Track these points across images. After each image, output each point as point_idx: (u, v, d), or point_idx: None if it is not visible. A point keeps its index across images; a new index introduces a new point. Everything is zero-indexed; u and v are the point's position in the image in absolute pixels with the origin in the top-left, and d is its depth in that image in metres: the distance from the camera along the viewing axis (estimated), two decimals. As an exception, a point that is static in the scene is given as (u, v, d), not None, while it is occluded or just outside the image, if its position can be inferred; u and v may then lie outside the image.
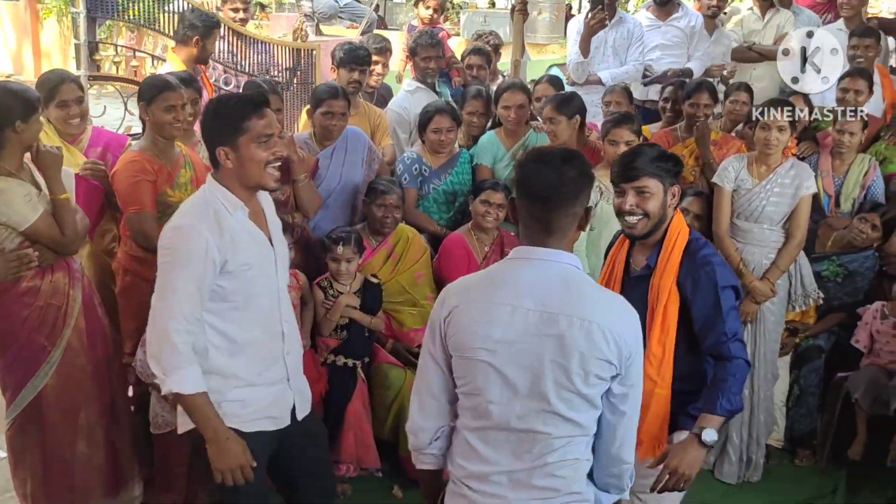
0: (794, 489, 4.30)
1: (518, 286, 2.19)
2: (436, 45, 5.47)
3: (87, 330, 3.55)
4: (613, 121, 4.29)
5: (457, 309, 2.23)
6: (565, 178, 2.17)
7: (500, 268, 2.31)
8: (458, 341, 2.22)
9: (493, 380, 2.18)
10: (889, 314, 4.43)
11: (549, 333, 2.14)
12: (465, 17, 11.56)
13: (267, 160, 2.72)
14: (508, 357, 2.17)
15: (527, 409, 2.17)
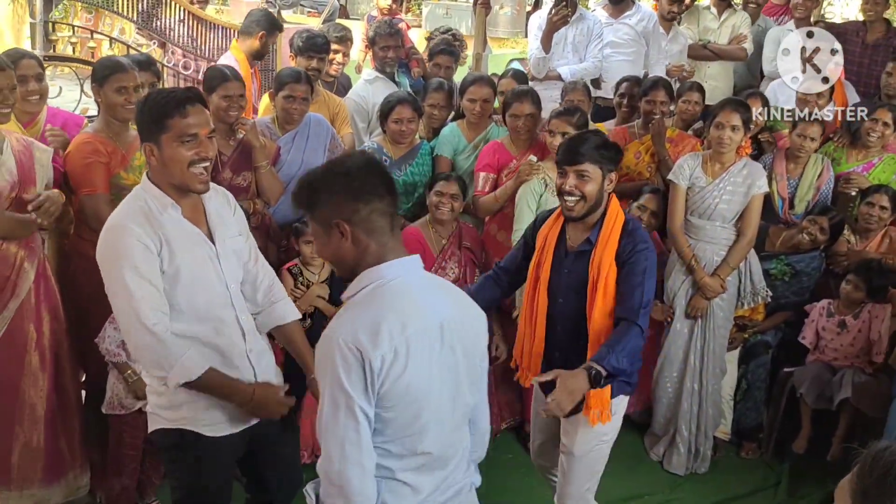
0: (739, 481, 4.40)
1: (422, 306, 2.14)
2: (394, 35, 5.46)
3: (35, 307, 3.50)
4: (555, 112, 4.35)
5: (380, 358, 2.00)
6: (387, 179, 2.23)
7: (395, 298, 2.09)
8: (392, 386, 2.02)
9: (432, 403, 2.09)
10: (834, 312, 4.55)
11: (457, 343, 2.19)
12: (427, 9, 11.57)
13: (190, 160, 2.60)
14: (438, 381, 2.13)
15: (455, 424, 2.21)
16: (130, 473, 3.66)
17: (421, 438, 2.07)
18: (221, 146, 4.11)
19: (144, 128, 2.65)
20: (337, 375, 1.95)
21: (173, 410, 2.72)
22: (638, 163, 4.91)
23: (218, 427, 2.76)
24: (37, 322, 3.51)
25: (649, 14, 6.18)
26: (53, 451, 3.59)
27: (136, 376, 3.54)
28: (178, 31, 5.87)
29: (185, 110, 2.59)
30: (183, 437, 2.74)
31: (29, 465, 3.51)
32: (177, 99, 2.61)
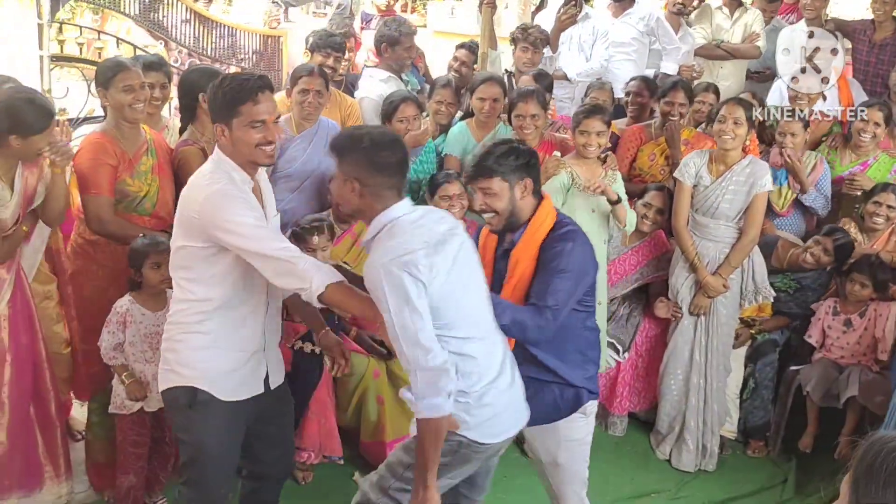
0: (746, 479, 4.40)
1: (419, 233, 2.61)
2: (413, 34, 5.45)
3: (11, 316, 3.49)
4: (584, 112, 4.30)
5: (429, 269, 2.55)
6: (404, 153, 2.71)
7: (392, 233, 2.61)
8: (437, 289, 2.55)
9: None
10: (840, 311, 4.55)
11: (465, 243, 2.73)
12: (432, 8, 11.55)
13: (258, 142, 2.77)
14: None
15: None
16: (138, 472, 3.67)
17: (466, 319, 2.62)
18: None
19: (217, 110, 2.80)
20: (394, 288, 2.47)
21: (190, 368, 2.85)
22: (652, 165, 4.90)
23: (231, 391, 2.87)
24: (13, 331, 3.49)
25: (651, 12, 6.16)
26: (32, 460, 3.58)
27: (132, 377, 3.56)
28: (184, 31, 5.89)
29: (256, 97, 2.74)
30: (196, 396, 2.85)
31: (7, 473, 3.50)
32: (250, 87, 2.75)
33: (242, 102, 2.73)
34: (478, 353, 2.65)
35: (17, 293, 3.50)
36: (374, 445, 4.18)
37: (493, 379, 2.69)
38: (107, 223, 3.61)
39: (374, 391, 4.16)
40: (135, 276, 3.57)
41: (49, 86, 5.15)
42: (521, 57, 5.49)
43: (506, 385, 2.74)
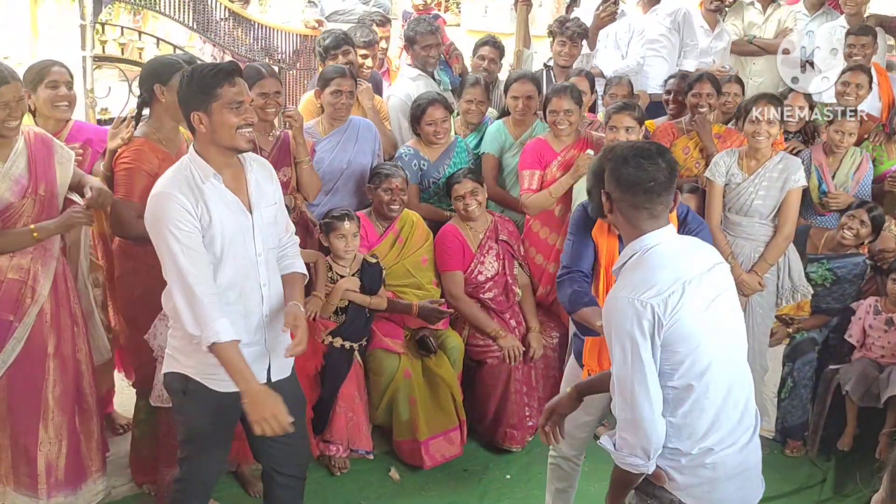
0: (784, 479, 4.36)
1: (672, 267, 2.38)
2: (434, 33, 5.43)
3: (55, 313, 3.54)
4: (615, 108, 4.31)
5: (658, 303, 2.30)
6: (661, 169, 2.42)
7: (651, 260, 2.41)
8: (672, 329, 2.31)
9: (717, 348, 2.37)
10: (882, 310, 4.50)
11: (724, 283, 2.47)
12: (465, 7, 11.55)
13: (238, 125, 2.83)
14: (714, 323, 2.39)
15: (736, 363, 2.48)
16: (180, 464, 3.72)
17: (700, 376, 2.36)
18: (261, 142, 4.14)
19: (193, 98, 2.84)
20: (624, 327, 2.31)
21: (186, 357, 2.92)
22: (686, 158, 4.88)
23: (221, 383, 2.89)
24: (56, 327, 3.55)
25: (679, 7, 6.12)
26: (77, 456, 3.64)
27: None
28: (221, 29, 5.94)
29: (233, 80, 2.84)
30: (188, 384, 2.94)
31: (54, 471, 3.56)
32: (225, 70, 2.85)
33: (220, 85, 2.81)
34: (710, 408, 2.37)
35: (58, 287, 3.56)
36: (407, 444, 4.22)
37: (722, 440, 2.41)
38: (127, 227, 3.61)
39: (406, 392, 4.20)
40: None
41: (91, 85, 5.22)
42: (559, 51, 5.48)
43: (737, 448, 2.45)
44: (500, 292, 4.52)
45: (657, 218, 2.44)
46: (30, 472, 3.51)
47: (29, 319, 3.46)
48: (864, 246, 4.64)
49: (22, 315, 3.44)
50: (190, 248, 2.78)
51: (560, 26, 5.51)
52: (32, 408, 3.48)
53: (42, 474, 3.52)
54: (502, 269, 4.51)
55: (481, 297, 4.49)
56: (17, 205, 3.38)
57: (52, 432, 3.53)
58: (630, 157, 2.43)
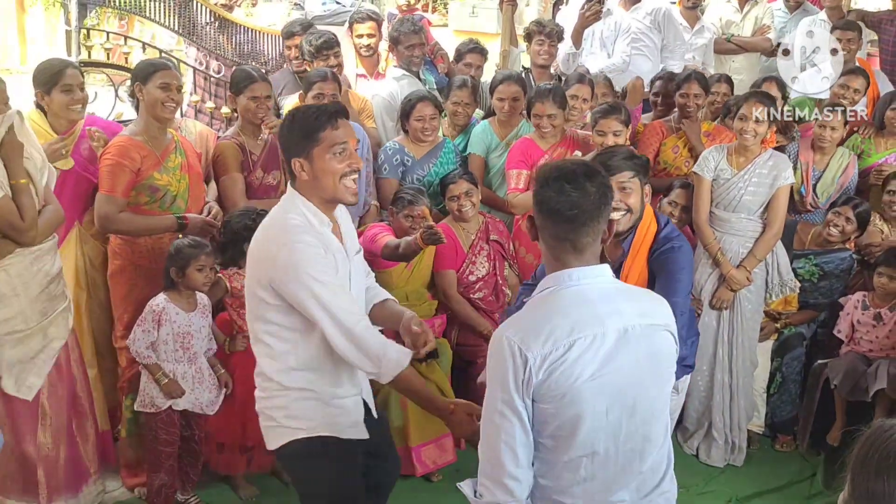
0: (774, 473, 4.39)
1: (588, 313, 2.07)
2: (418, 33, 5.43)
3: None
4: (602, 111, 4.32)
5: (547, 361, 2.01)
6: (589, 195, 2.09)
7: (555, 301, 2.11)
8: (556, 388, 2.02)
9: (595, 415, 2.05)
10: (869, 305, 4.51)
11: (640, 346, 2.09)
12: (453, 7, 11.55)
13: (342, 172, 2.65)
14: (607, 390, 2.05)
15: (631, 434, 2.10)
16: (169, 470, 3.73)
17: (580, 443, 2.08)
18: (251, 146, 4.20)
19: (294, 143, 2.66)
20: (498, 371, 2.05)
21: (310, 416, 2.72)
22: (676, 157, 4.90)
23: (355, 430, 2.78)
24: None
25: (658, 6, 6.15)
26: (75, 460, 3.65)
27: (166, 378, 3.62)
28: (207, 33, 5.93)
29: (336, 123, 2.65)
30: (328, 446, 2.73)
31: (54, 476, 3.56)
32: (328, 112, 2.66)
33: (322, 129, 2.63)
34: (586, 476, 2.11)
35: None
36: (399, 451, 4.19)
37: None
38: (112, 222, 3.72)
39: (397, 395, 4.18)
40: (175, 275, 3.63)
41: (77, 90, 5.23)
42: (537, 50, 5.49)
43: None
44: (490, 293, 4.52)
45: (581, 252, 2.11)
46: (30, 479, 3.51)
47: None
48: (851, 241, 4.66)
49: None
50: (335, 286, 2.60)
51: (537, 26, 5.53)
52: (30, 414, 3.49)
53: (42, 480, 3.52)
54: (493, 270, 4.51)
55: (471, 297, 4.50)
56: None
57: (50, 437, 3.53)
58: (552, 180, 2.11)
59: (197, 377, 3.71)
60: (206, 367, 3.76)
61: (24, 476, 3.51)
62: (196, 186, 3.97)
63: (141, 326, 3.61)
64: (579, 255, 2.11)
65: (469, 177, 4.47)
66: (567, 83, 4.99)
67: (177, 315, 3.64)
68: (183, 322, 3.65)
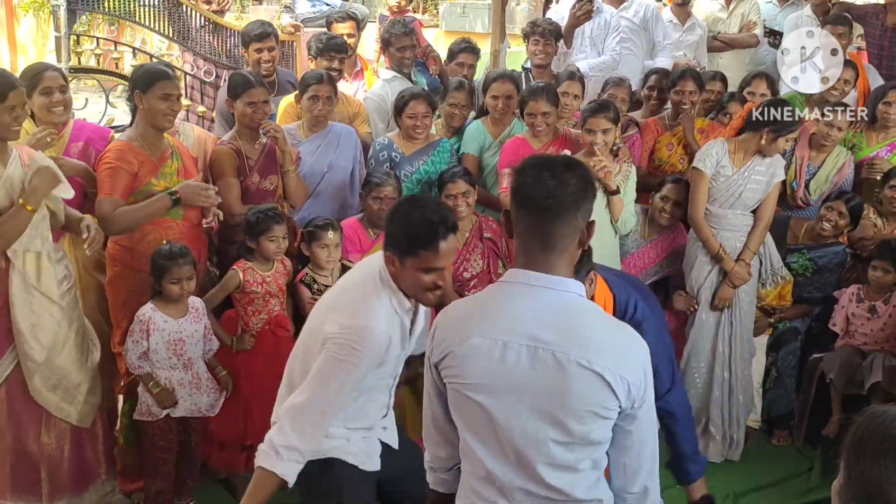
0: (772, 468, 4.40)
1: (514, 317, 2.01)
2: (409, 34, 5.43)
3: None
4: (590, 109, 4.32)
5: (446, 344, 2.09)
6: (567, 186, 1.97)
7: (493, 295, 2.11)
8: (451, 376, 2.08)
9: (485, 421, 2.04)
10: (864, 298, 4.52)
11: (544, 374, 1.96)
12: (443, 7, 11.57)
13: (427, 287, 2.64)
14: (500, 399, 2.01)
15: (523, 458, 2.02)
16: (165, 476, 3.73)
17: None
18: (248, 151, 4.20)
19: (396, 242, 2.62)
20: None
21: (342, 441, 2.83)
22: (671, 155, 4.91)
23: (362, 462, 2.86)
24: None
25: (646, 5, 6.16)
26: (80, 460, 3.64)
27: (158, 387, 3.63)
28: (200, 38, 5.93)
29: (438, 246, 2.57)
30: (330, 465, 2.79)
31: (57, 476, 3.56)
32: (437, 233, 2.56)
33: (424, 248, 2.56)
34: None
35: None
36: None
37: None
38: (113, 221, 3.68)
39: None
40: (155, 285, 3.64)
41: (68, 97, 5.23)
42: (534, 50, 5.50)
43: None
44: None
45: (551, 250, 1.98)
46: (32, 479, 3.51)
47: None
48: (844, 235, 4.67)
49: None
50: (350, 390, 2.66)
51: (532, 27, 5.53)
52: (33, 414, 3.49)
53: (45, 480, 3.53)
54: (486, 267, 4.51)
55: (465, 295, 4.50)
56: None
57: (53, 438, 3.54)
58: (529, 168, 2.01)
59: (194, 382, 3.71)
60: (203, 371, 3.75)
61: (26, 475, 3.51)
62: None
63: (131, 337, 3.61)
64: (547, 253, 1.98)
65: (468, 178, 4.46)
66: (557, 81, 5.00)
67: (165, 323, 3.63)
68: (172, 329, 3.65)
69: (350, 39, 5.52)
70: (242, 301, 3.89)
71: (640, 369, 2.00)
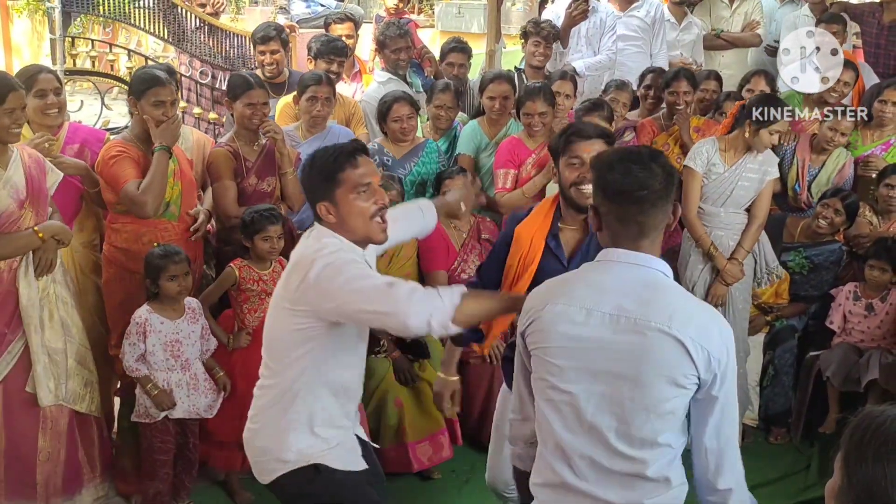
0: (769, 466, 4.39)
1: (599, 288, 2.11)
2: (404, 36, 5.44)
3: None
4: (584, 108, 4.34)
5: (532, 312, 2.19)
6: (656, 175, 2.06)
7: (581, 270, 2.22)
8: (535, 342, 2.18)
9: (561, 387, 2.12)
10: (861, 295, 4.53)
11: (625, 340, 2.04)
12: (439, 8, 11.57)
13: (371, 212, 2.56)
14: (579, 363, 2.09)
15: (596, 429, 2.08)
16: (163, 478, 3.72)
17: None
18: (246, 152, 4.20)
19: (316, 187, 2.59)
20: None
21: (297, 452, 2.64)
22: (667, 154, 4.91)
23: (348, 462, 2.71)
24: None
25: (657, 4, 6.18)
26: (74, 463, 3.65)
27: (157, 389, 3.62)
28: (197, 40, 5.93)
29: (355, 161, 2.56)
30: (318, 472, 2.64)
31: (52, 478, 3.57)
32: (346, 152, 2.57)
33: (341, 169, 2.54)
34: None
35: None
36: (394, 450, 4.19)
37: None
38: (143, 203, 3.69)
39: (393, 393, 4.18)
40: (151, 286, 3.63)
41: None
42: (533, 51, 5.50)
43: None
44: (482, 291, 4.52)
45: (646, 235, 2.10)
46: (28, 482, 3.51)
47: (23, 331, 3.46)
48: (840, 233, 4.68)
49: (17, 327, 3.45)
50: (365, 272, 2.50)
51: (535, 27, 5.53)
52: (31, 418, 3.49)
53: (41, 483, 3.53)
54: (484, 269, 4.51)
55: (463, 297, 4.49)
56: (17, 213, 3.38)
57: (50, 441, 3.54)
58: (616, 162, 2.10)
59: (192, 384, 3.71)
60: (201, 372, 3.75)
61: (22, 477, 3.51)
62: (188, 193, 3.97)
63: (128, 340, 3.62)
64: (642, 239, 2.09)
65: (465, 174, 4.48)
66: (549, 80, 5.01)
67: (161, 324, 3.64)
68: (169, 330, 3.65)
69: (348, 40, 5.52)
70: (238, 298, 3.89)
71: (722, 346, 2.06)
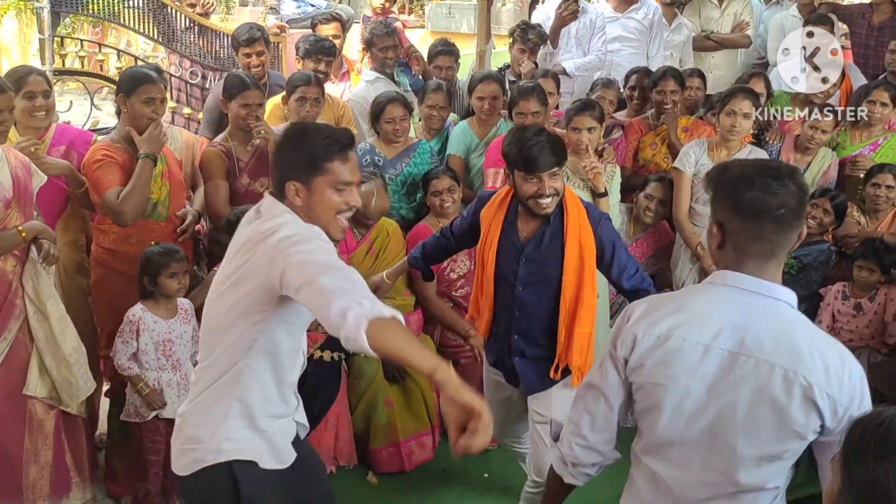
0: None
1: (718, 321, 1.95)
2: (391, 35, 5.45)
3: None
4: (575, 108, 4.35)
5: (643, 341, 2.01)
6: (794, 195, 1.92)
7: (697, 294, 2.09)
8: (643, 374, 2.01)
9: (675, 419, 1.98)
10: (850, 295, 4.55)
11: (745, 380, 1.90)
12: (429, 8, 11.57)
13: (339, 208, 2.44)
14: (693, 402, 1.95)
15: (707, 464, 1.97)
16: (153, 478, 3.72)
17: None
18: (239, 152, 4.20)
19: (295, 165, 2.41)
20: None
21: (233, 442, 2.45)
22: (655, 154, 4.94)
23: (273, 459, 2.53)
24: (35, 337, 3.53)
25: (654, 7, 6.21)
26: (61, 466, 3.63)
27: (148, 388, 3.62)
28: (187, 39, 5.91)
29: (346, 155, 2.42)
30: (232, 471, 2.45)
31: (39, 481, 3.55)
32: (341, 142, 2.43)
33: (329, 159, 2.39)
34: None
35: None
36: (385, 450, 4.20)
37: None
38: (120, 213, 3.69)
39: (383, 394, 4.19)
40: (148, 284, 3.62)
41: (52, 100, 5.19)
42: (517, 57, 5.52)
43: None
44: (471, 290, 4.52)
45: (775, 257, 1.96)
46: (15, 484, 3.50)
47: (9, 334, 3.44)
48: (829, 233, 4.70)
49: (2, 328, 3.43)
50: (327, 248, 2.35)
51: (523, 34, 5.54)
52: (17, 420, 3.48)
53: (28, 486, 3.52)
54: (473, 268, 4.51)
55: (453, 296, 4.50)
56: (2, 213, 3.37)
57: (37, 443, 3.53)
58: (756, 178, 1.92)
59: (182, 384, 3.70)
60: (192, 373, 3.74)
61: (10, 482, 3.49)
62: (177, 193, 3.97)
63: (121, 338, 3.61)
64: (771, 260, 1.95)
65: (452, 174, 4.49)
66: (533, 79, 5.02)
67: (155, 323, 3.63)
68: (162, 330, 3.64)
69: (335, 41, 5.52)
70: None
71: (851, 389, 1.90)
